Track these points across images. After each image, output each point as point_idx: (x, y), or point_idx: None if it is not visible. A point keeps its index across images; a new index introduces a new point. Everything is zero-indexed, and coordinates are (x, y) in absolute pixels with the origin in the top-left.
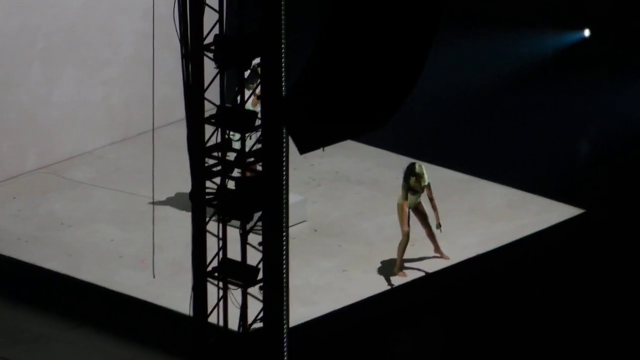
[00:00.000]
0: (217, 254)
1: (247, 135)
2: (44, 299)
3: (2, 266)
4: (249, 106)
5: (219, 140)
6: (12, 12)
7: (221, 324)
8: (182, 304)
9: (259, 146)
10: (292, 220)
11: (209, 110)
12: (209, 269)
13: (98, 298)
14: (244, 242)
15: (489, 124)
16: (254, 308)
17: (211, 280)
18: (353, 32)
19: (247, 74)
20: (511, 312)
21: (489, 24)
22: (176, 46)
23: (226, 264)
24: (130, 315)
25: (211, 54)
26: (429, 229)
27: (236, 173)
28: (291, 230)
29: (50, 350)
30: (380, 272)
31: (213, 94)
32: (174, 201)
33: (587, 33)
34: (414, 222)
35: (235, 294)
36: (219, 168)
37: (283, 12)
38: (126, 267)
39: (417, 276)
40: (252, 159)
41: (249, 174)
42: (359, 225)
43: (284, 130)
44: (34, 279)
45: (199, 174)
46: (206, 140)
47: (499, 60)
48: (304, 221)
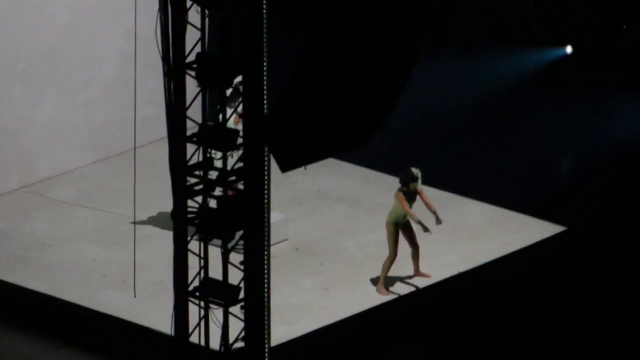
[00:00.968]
0: (199, 273)
1: (228, 153)
2: (26, 319)
3: None
4: (230, 124)
5: (200, 158)
6: None
7: (202, 343)
8: (163, 324)
9: (240, 164)
10: (273, 238)
11: (191, 128)
12: (191, 288)
13: (81, 318)
14: (225, 261)
15: (469, 141)
16: (236, 327)
17: (192, 299)
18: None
19: (229, 92)
20: (492, 330)
21: (469, 42)
22: (158, 65)
23: (208, 283)
24: (112, 335)
25: (193, 72)
26: (414, 248)
27: (218, 192)
28: (273, 249)
29: None
30: (362, 291)
31: (195, 112)
32: (155, 220)
33: (569, 50)
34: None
35: (216, 313)
36: (200, 187)
37: (265, 30)
38: (108, 287)
39: (399, 294)
40: (233, 178)
41: (230, 192)
42: (340, 243)
43: (266, 149)
44: (16, 299)
45: (180, 192)
46: (188, 158)
47: (479, 79)
48: (285, 240)
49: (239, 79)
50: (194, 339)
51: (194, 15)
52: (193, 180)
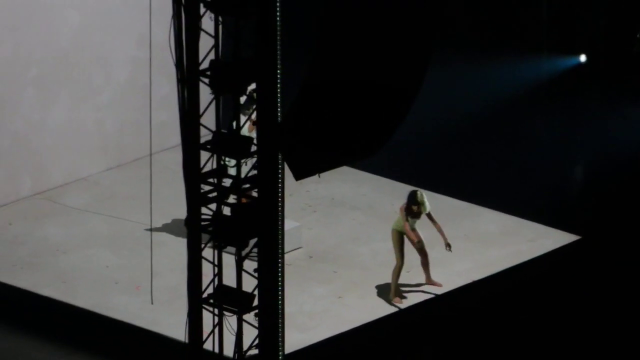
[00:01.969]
0: (213, 280)
1: (242, 161)
2: (39, 325)
3: None
4: (244, 132)
5: (214, 166)
6: (5, 39)
7: (216, 350)
8: (177, 331)
9: (254, 172)
10: (287, 246)
11: (205, 136)
12: (205, 295)
13: (93, 324)
14: (239, 269)
15: (483, 150)
16: (250, 334)
17: (206, 306)
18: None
19: (243, 99)
20: (505, 339)
21: (483, 49)
22: (171, 72)
23: (222, 290)
24: (125, 342)
25: (207, 80)
26: (423, 256)
27: (232, 199)
28: (287, 256)
29: None
30: (376, 298)
31: (209, 119)
32: (169, 227)
33: (583, 58)
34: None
35: (230, 320)
36: (214, 194)
37: (279, 38)
38: (121, 293)
39: (412, 302)
40: (247, 185)
41: (244, 200)
42: (354, 251)
43: (280, 157)
44: (29, 305)
45: (194, 200)
46: (202, 166)
47: (493, 87)
48: (299, 247)
49: (252, 86)
50: (207, 346)
51: (207, 22)
52: (207, 188)
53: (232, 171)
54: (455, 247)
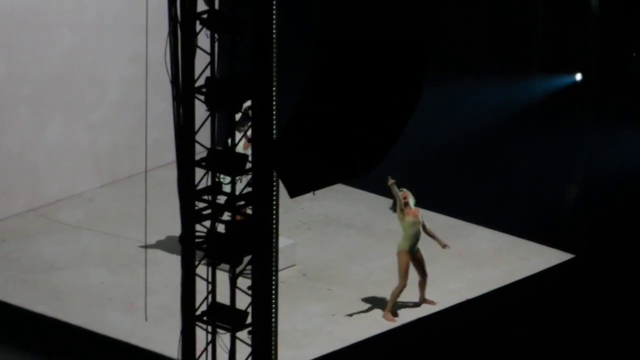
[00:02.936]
0: (207, 297)
1: (237, 178)
2: (32, 342)
3: None
4: (239, 149)
5: (209, 183)
6: None
7: None
8: (170, 348)
9: (249, 189)
10: (281, 264)
11: (200, 153)
12: (198, 312)
13: (87, 341)
14: (233, 286)
15: (477, 168)
16: (243, 352)
17: (200, 324)
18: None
19: (238, 116)
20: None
21: (478, 68)
22: (165, 89)
23: (215, 307)
24: (119, 359)
25: (202, 97)
26: (422, 276)
27: (226, 216)
28: (281, 274)
29: None
30: (370, 317)
31: (204, 136)
32: (163, 244)
33: (578, 77)
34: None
35: (224, 338)
36: (209, 211)
37: (274, 55)
38: (115, 310)
39: (406, 321)
40: (242, 202)
41: (239, 217)
42: (348, 269)
43: (275, 174)
44: (22, 322)
45: (189, 217)
46: (196, 183)
47: (488, 105)
48: (293, 265)
49: (248, 104)
50: None
51: (203, 39)
52: (201, 205)
53: (227, 188)
54: (449, 265)
